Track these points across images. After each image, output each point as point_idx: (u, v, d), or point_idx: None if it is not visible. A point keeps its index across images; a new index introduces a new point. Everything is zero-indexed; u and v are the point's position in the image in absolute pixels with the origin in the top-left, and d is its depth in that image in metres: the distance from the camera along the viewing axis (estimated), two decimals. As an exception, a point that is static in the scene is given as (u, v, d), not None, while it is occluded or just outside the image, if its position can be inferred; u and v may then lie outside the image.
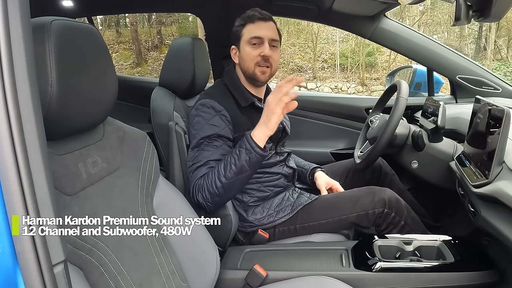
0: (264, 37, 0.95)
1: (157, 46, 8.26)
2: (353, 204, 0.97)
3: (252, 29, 0.96)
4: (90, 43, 0.54)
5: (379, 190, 0.99)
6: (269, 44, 0.95)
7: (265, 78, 0.98)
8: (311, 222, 0.98)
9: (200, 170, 0.88)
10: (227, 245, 0.95)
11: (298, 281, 0.78)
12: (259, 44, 0.95)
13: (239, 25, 0.98)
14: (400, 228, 0.97)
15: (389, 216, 0.96)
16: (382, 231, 0.98)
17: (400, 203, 0.98)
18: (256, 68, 0.96)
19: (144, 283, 0.58)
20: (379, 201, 0.96)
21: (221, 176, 0.83)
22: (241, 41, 0.97)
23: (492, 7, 0.60)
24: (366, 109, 1.53)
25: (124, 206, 0.60)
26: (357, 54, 7.52)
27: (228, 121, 0.93)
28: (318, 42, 7.74)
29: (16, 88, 0.34)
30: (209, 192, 0.84)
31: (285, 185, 1.06)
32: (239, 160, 0.83)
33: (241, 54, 0.98)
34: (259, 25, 0.96)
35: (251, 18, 0.96)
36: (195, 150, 0.90)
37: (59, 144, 0.52)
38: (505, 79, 1.44)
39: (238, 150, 0.84)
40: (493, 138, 0.72)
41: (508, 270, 0.76)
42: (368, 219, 0.97)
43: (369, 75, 7.45)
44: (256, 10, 0.97)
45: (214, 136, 0.90)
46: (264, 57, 0.95)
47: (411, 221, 0.98)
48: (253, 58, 0.95)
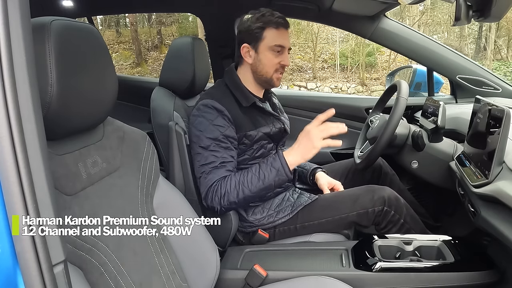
0: (286, 46, 0.97)
1: (157, 46, 8.26)
2: (353, 203, 0.98)
3: (276, 36, 0.95)
4: (90, 43, 0.54)
5: (378, 188, 1.00)
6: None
7: (279, 84, 1.02)
8: (311, 221, 0.98)
9: (216, 172, 0.88)
10: (227, 245, 0.95)
11: (298, 281, 0.78)
12: (281, 53, 0.97)
13: (259, 26, 0.95)
14: (399, 226, 0.97)
15: (389, 214, 0.96)
16: (381, 230, 0.98)
17: (400, 201, 0.99)
18: (274, 74, 0.98)
19: (144, 283, 0.58)
20: (378, 199, 0.96)
21: (245, 188, 0.86)
22: (261, 44, 0.96)
23: (492, 7, 0.60)
24: (366, 109, 1.53)
25: (124, 206, 0.60)
26: (357, 54, 7.52)
27: (230, 121, 0.93)
28: (318, 42, 7.73)
29: (16, 88, 0.34)
30: (228, 200, 0.86)
31: (286, 185, 1.06)
32: (268, 179, 0.86)
33: (259, 57, 0.97)
34: (282, 33, 0.96)
35: (275, 23, 0.95)
36: (203, 151, 0.90)
37: (59, 144, 0.52)
38: (505, 79, 1.44)
39: (270, 168, 0.87)
40: (493, 138, 0.72)
41: (508, 270, 0.76)
42: (368, 218, 0.97)
43: (369, 75, 7.45)
44: (279, 16, 0.96)
45: (221, 136, 0.91)
46: (284, 66, 0.98)
47: (410, 219, 0.99)
48: (274, 65, 0.97)
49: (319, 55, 7.85)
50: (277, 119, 1.04)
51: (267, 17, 0.95)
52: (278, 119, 1.04)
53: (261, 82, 1.01)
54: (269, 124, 1.00)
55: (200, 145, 0.91)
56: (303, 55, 7.90)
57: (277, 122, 1.03)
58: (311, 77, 7.49)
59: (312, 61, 7.68)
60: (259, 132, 0.97)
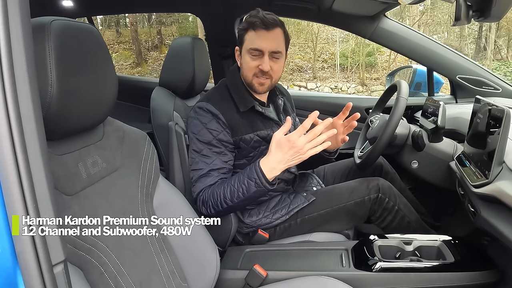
0: (264, 49, 0.88)
1: (157, 46, 8.26)
2: (350, 193, 1.00)
3: (253, 39, 0.89)
4: (90, 43, 0.54)
5: (372, 178, 1.03)
6: (270, 56, 0.89)
7: (263, 89, 0.94)
8: (311, 214, 0.99)
9: (202, 181, 0.88)
10: (227, 245, 0.95)
11: (298, 281, 0.78)
12: (259, 56, 0.90)
13: (242, 28, 0.91)
14: (394, 213, 1.00)
15: (383, 202, 0.99)
16: (377, 219, 1.01)
17: (392, 189, 1.02)
18: (254, 78, 0.92)
19: (144, 283, 0.58)
20: (373, 187, 1.00)
21: (227, 200, 0.84)
22: (243, 47, 0.92)
23: (492, 7, 0.59)
24: (366, 109, 1.52)
25: (124, 206, 0.60)
26: (357, 54, 7.52)
27: (224, 124, 0.91)
28: (318, 42, 7.73)
29: (16, 88, 0.34)
30: (214, 209, 0.86)
31: (284, 189, 1.05)
32: (247, 192, 0.81)
33: (241, 61, 0.94)
34: (260, 35, 0.88)
35: (253, 25, 0.88)
36: (196, 155, 0.90)
37: (59, 144, 0.52)
38: (505, 79, 1.44)
39: (247, 181, 0.81)
40: (493, 138, 0.72)
41: (508, 270, 0.76)
42: (365, 206, 0.99)
43: (369, 75, 7.45)
44: (258, 17, 0.87)
45: (213, 141, 0.89)
46: (262, 71, 0.90)
47: (403, 206, 1.01)
48: (252, 69, 0.91)
49: (319, 55, 7.85)
50: (277, 125, 0.99)
51: (250, 18, 0.89)
52: (278, 124, 0.99)
53: (249, 87, 0.95)
54: (267, 129, 0.96)
55: (193, 148, 0.91)
56: (303, 55, 7.89)
57: (277, 127, 0.97)
58: (311, 77, 7.49)
59: (312, 61, 7.68)
60: (256, 136, 0.94)
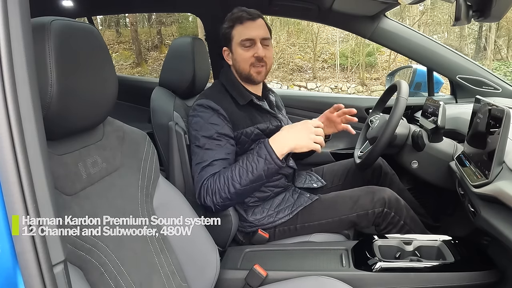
0: (256, 37, 0.94)
1: (157, 46, 8.26)
2: (353, 204, 0.98)
3: (242, 31, 0.94)
4: (90, 43, 0.54)
5: (378, 189, 1.00)
6: (261, 43, 0.95)
7: (261, 78, 0.99)
8: (311, 222, 0.98)
9: (206, 170, 0.88)
10: (227, 245, 0.95)
11: (298, 281, 0.78)
12: (252, 45, 0.95)
13: (228, 26, 0.97)
14: (399, 227, 0.97)
15: (389, 216, 0.96)
16: (381, 231, 0.98)
17: (400, 202, 0.99)
18: (251, 69, 0.96)
19: (144, 283, 0.58)
20: (378, 201, 0.96)
21: (235, 182, 0.83)
22: (233, 43, 0.96)
23: (492, 7, 0.59)
24: (366, 109, 1.52)
25: (124, 206, 0.60)
26: (357, 54, 7.52)
27: (226, 119, 0.93)
28: (318, 42, 7.73)
29: (16, 88, 0.34)
30: (221, 196, 0.84)
31: (285, 185, 1.06)
32: (257, 170, 0.83)
33: (234, 56, 0.98)
34: (248, 25, 0.94)
35: (239, 19, 0.94)
36: (199, 149, 0.90)
37: (59, 144, 0.52)
38: (505, 79, 1.44)
39: (257, 158, 0.83)
40: (493, 138, 0.72)
41: (508, 270, 0.76)
42: (368, 219, 0.97)
43: (369, 75, 7.45)
44: (243, 10, 0.95)
45: (216, 134, 0.90)
46: (258, 57, 0.95)
47: (410, 220, 0.99)
48: (247, 59, 0.95)
49: (319, 55, 7.85)
50: (274, 117, 1.04)
51: (234, 15, 0.95)
52: (275, 117, 1.04)
53: (245, 80, 1.00)
54: (266, 122, 1.00)
55: (196, 144, 0.91)
56: (303, 55, 7.90)
57: (274, 120, 1.03)
58: (311, 77, 7.49)
59: (312, 61, 7.68)
60: (255, 129, 0.97)
